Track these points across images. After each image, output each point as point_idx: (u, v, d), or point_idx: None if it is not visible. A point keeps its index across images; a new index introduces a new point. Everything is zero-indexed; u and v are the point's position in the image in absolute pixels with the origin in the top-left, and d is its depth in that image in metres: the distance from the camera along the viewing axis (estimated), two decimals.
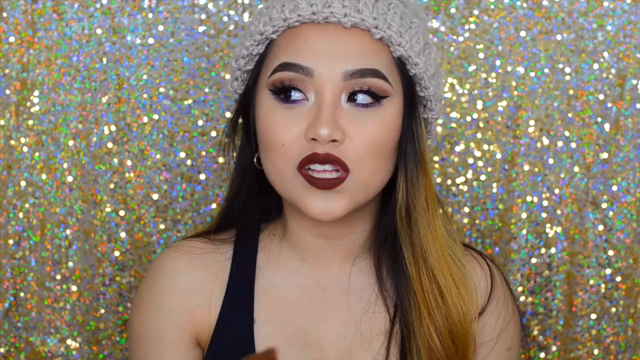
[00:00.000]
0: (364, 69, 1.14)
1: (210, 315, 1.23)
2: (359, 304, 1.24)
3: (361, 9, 1.15)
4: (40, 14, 1.67)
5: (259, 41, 1.19)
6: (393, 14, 1.17)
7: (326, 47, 1.14)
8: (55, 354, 1.71)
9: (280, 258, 1.26)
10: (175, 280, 1.24)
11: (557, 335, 1.72)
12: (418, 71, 1.19)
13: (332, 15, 1.15)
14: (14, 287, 1.71)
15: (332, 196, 1.15)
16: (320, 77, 1.14)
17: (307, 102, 1.15)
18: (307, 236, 1.24)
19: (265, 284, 1.25)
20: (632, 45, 1.69)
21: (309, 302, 1.24)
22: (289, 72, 1.14)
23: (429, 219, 1.21)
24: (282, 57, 1.16)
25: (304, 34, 1.16)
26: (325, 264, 1.25)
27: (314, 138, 1.13)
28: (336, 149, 1.13)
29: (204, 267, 1.25)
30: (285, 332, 1.22)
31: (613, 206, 1.71)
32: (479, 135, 1.70)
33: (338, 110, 1.14)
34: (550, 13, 1.69)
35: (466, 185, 1.71)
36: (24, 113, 1.69)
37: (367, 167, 1.15)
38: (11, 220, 1.70)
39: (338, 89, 1.14)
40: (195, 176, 1.70)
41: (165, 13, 1.68)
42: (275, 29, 1.18)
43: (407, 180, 1.20)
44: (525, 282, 1.71)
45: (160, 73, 1.69)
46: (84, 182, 1.69)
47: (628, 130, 1.70)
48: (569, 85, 1.70)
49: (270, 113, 1.16)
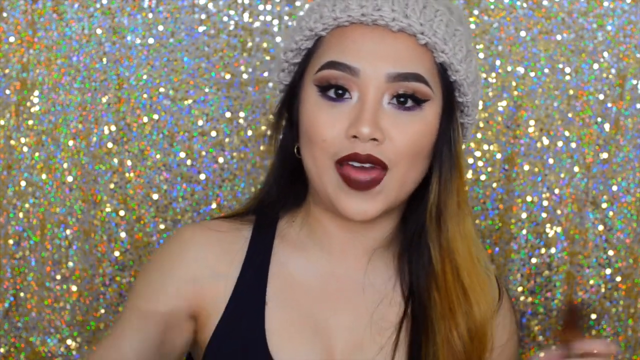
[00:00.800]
0: (407, 72, 1.18)
1: (221, 293, 1.25)
2: (374, 297, 1.26)
3: (409, 14, 1.18)
4: (40, 14, 1.68)
5: (308, 37, 1.23)
6: (439, 21, 1.20)
7: (373, 48, 1.18)
8: (55, 354, 1.71)
9: (297, 245, 1.28)
10: (186, 250, 1.26)
11: (557, 335, 1.72)
12: (458, 78, 1.22)
13: (381, 19, 1.18)
14: (14, 287, 1.71)
15: (368, 197, 1.18)
16: (365, 77, 1.17)
17: (350, 101, 1.18)
18: (330, 227, 1.26)
19: (280, 268, 1.27)
20: (632, 45, 1.69)
21: (322, 291, 1.26)
22: (335, 70, 1.18)
23: (459, 220, 1.24)
24: (330, 55, 1.19)
25: (352, 34, 1.19)
26: (342, 256, 1.27)
27: (355, 135, 1.16)
28: (376, 148, 1.16)
29: (220, 246, 1.27)
30: (295, 316, 1.24)
31: (613, 206, 1.71)
32: (479, 135, 1.70)
33: (380, 111, 1.17)
34: (550, 13, 1.69)
35: (466, 185, 1.71)
36: (24, 113, 1.69)
37: (404, 168, 1.19)
38: (11, 220, 1.70)
39: (381, 90, 1.17)
40: (195, 176, 1.70)
41: (165, 13, 1.68)
42: (325, 26, 1.21)
43: (440, 181, 1.23)
44: (525, 282, 1.71)
45: (160, 73, 1.69)
46: (84, 182, 1.69)
47: (628, 130, 1.70)
48: (569, 85, 1.70)
49: (315, 108, 1.19)
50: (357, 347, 1.23)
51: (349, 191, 1.18)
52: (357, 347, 1.23)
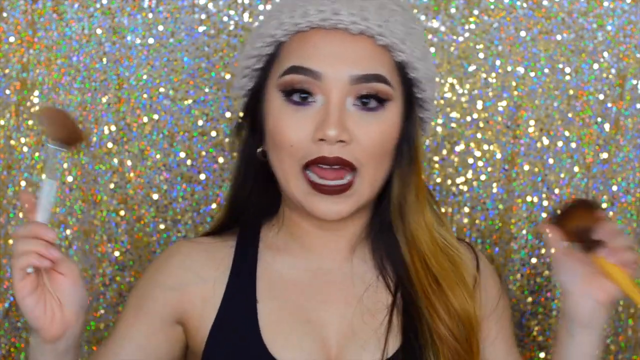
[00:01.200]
0: (369, 74, 1.20)
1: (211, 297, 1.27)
2: (361, 286, 1.28)
3: (367, 16, 1.20)
4: (40, 14, 1.67)
5: (269, 43, 1.24)
6: (395, 21, 1.22)
7: (334, 52, 1.20)
8: None
9: (280, 247, 1.30)
10: (171, 258, 1.29)
11: (557, 335, 1.72)
12: (418, 75, 1.24)
13: (340, 22, 1.20)
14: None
15: (339, 200, 1.21)
16: (328, 80, 1.19)
17: (315, 104, 1.20)
18: (307, 227, 1.28)
19: (267, 267, 1.29)
20: (632, 45, 1.69)
21: (311, 285, 1.28)
22: (298, 75, 1.20)
23: (419, 211, 1.27)
24: (292, 60, 1.21)
25: (313, 39, 1.21)
26: (325, 251, 1.29)
27: (322, 139, 1.18)
28: (343, 149, 1.18)
29: (205, 255, 1.29)
30: (287, 309, 1.26)
31: (613, 206, 1.71)
32: (479, 135, 1.70)
33: (344, 113, 1.19)
34: (550, 13, 1.69)
35: (466, 185, 1.71)
36: (24, 113, 1.69)
37: (372, 168, 1.21)
38: (11, 220, 1.70)
39: (344, 93, 1.19)
40: (195, 176, 1.70)
41: (165, 13, 1.68)
42: (286, 32, 1.22)
43: (401, 177, 1.26)
44: (525, 282, 1.71)
45: (160, 73, 1.69)
46: (84, 182, 1.69)
47: (628, 130, 1.70)
48: (569, 85, 1.70)
49: (280, 113, 1.21)
50: (351, 334, 1.25)
51: (319, 195, 1.20)
52: (350, 334, 1.25)
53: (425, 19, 1.68)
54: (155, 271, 1.30)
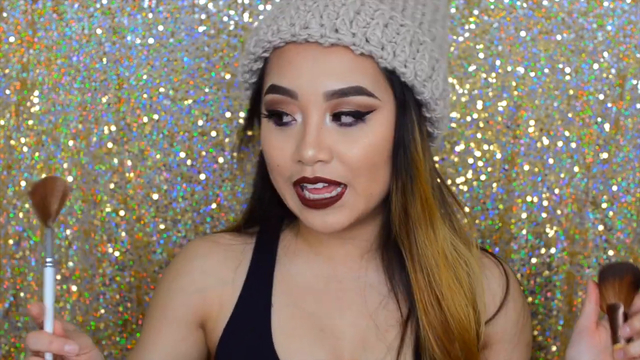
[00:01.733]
0: (346, 87, 1.15)
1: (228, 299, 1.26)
2: (375, 297, 1.26)
3: (338, 26, 1.15)
4: (40, 14, 1.67)
5: (255, 59, 1.22)
6: (375, 25, 1.16)
7: (308, 67, 1.16)
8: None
9: (297, 252, 1.29)
10: (192, 262, 1.28)
11: (557, 335, 1.72)
12: (407, 79, 1.18)
13: (310, 37, 1.15)
14: (14, 287, 1.71)
15: (330, 212, 1.18)
16: (303, 98, 1.15)
17: (295, 124, 1.17)
18: (318, 234, 1.26)
19: (284, 272, 1.28)
20: (632, 45, 1.69)
21: (325, 292, 1.27)
22: (276, 94, 1.17)
23: (427, 226, 1.21)
24: (272, 79, 1.19)
25: (288, 55, 1.18)
26: (340, 259, 1.28)
27: (300, 160, 1.15)
28: (325, 169, 1.15)
29: (224, 255, 1.29)
30: (301, 317, 1.25)
31: (613, 206, 1.71)
32: (479, 135, 1.70)
33: (323, 131, 1.15)
34: (550, 13, 1.69)
35: (466, 185, 1.71)
36: (24, 113, 1.69)
37: (364, 182, 1.17)
38: (11, 220, 1.70)
39: (321, 109, 1.15)
40: (195, 176, 1.70)
41: (165, 13, 1.68)
42: (264, 49, 1.20)
43: (398, 188, 1.20)
44: (525, 282, 1.71)
45: (160, 73, 1.69)
46: (84, 182, 1.69)
47: (628, 130, 1.70)
48: (569, 85, 1.70)
49: (267, 133, 1.20)
50: (363, 347, 1.24)
51: (310, 209, 1.18)
52: (363, 347, 1.24)
53: None
54: (176, 276, 1.28)
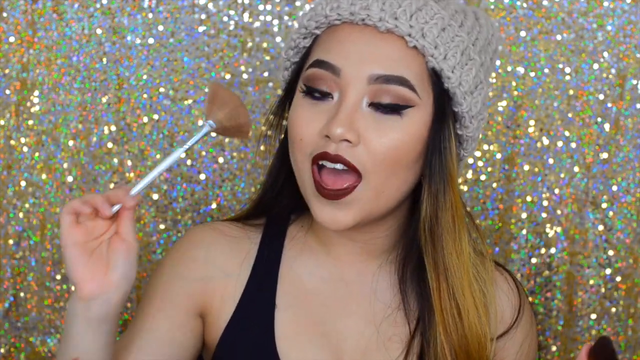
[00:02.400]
0: (391, 75, 1.14)
1: (231, 293, 1.24)
2: (382, 306, 1.24)
3: (399, 15, 1.15)
4: (40, 14, 1.68)
5: (304, 34, 1.22)
6: (433, 24, 1.16)
7: (358, 48, 1.15)
8: (55, 354, 1.71)
9: (305, 249, 1.27)
10: (196, 249, 1.26)
11: (557, 335, 1.72)
12: (450, 85, 1.17)
13: (369, 18, 1.15)
14: (14, 287, 1.71)
15: (341, 207, 1.15)
16: (346, 76, 1.14)
17: (331, 100, 1.16)
18: (330, 233, 1.24)
19: (289, 271, 1.26)
20: (632, 45, 1.69)
21: (331, 295, 1.25)
22: (319, 69, 1.16)
23: (455, 237, 1.20)
24: (318, 53, 1.18)
25: (340, 34, 1.17)
26: (349, 261, 1.25)
27: (327, 135, 1.13)
28: (348, 150, 1.13)
29: (229, 247, 1.27)
30: (304, 319, 1.23)
31: (613, 206, 1.71)
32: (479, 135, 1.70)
33: (357, 113, 1.14)
34: (550, 13, 1.69)
35: (466, 185, 1.71)
36: (24, 113, 1.69)
37: (380, 176, 1.15)
38: (11, 220, 1.70)
39: (361, 92, 1.14)
40: (195, 176, 1.70)
41: (165, 13, 1.68)
42: (318, 24, 1.20)
43: (431, 193, 1.18)
44: (525, 282, 1.71)
45: (160, 73, 1.69)
46: (84, 182, 1.69)
47: (628, 130, 1.70)
48: (569, 85, 1.70)
49: (297, 107, 1.18)
50: (365, 354, 1.22)
51: (320, 198, 1.16)
52: (364, 354, 1.22)
53: None
54: (179, 261, 1.26)
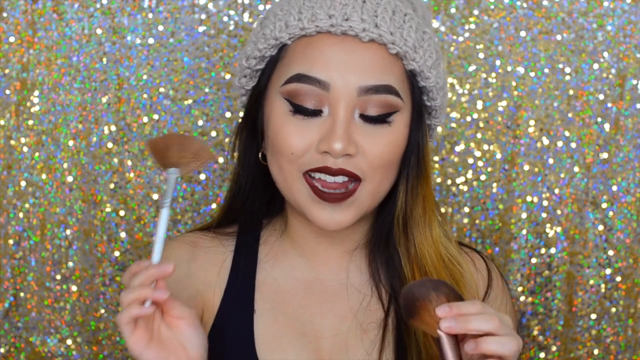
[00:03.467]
0: (378, 85, 1.15)
1: (211, 303, 1.24)
2: (357, 298, 1.25)
3: (379, 23, 1.15)
4: (40, 14, 1.68)
5: (273, 45, 1.19)
6: (409, 28, 1.17)
7: (343, 60, 1.15)
8: (55, 354, 1.71)
9: (279, 252, 1.28)
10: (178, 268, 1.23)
11: (557, 335, 1.72)
12: (428, 84, 1.20)
13: (351, 29, 1.15)
14: (14, 287, 1.71)
15: (340, 208, 1.17)
16: (335, 91, 1.14)
17: (321, 115, 1.15)
18: (306, 234, 1.25)
19: (266, 276, 1.26)
20: (632, 45, 1.69)
21: (307, 295, 1.26)
22: (304, 84, 1.15)
23: (426, 225, 1.22)
24: (298, 67, 1.16)
25: (319, 45, 1.16)
26: (323, 259, 1.27)
27: (326, 151, 1.14)
28: (348, 162, 1.14)
29: (206, 258, 1.27)
30: (283, 322, 1.24)
31: (613, 206, 1.71)
32: (479, 135, 1.70)
33: (351, 125, 1.15)
34: (550, 13, 1.69)
35: (466, 185, 1.71)
36: (24, 113, 1.69)
37: (377, 179, 1.17)
38: (11, 220, 1.70)
39: (352, 104, 1.14)
40: (195, 176, 1.70)
41: (165, 13, 1.68)
42: (291, 36, 1.17)
43: (407, 188, 1.21)
44: (525, 282, 1.71)
45: (160, 73, 1.69)
46: (84, 182, 1.69)
47: (628, 130, 1.70)
48: (569, 85, 1.70)
49: (283, 120, 1.17)
50: (344, 349, 1.23)
51: (321, 203, 1.16)
52: (343, 349, 1.23)
53: None
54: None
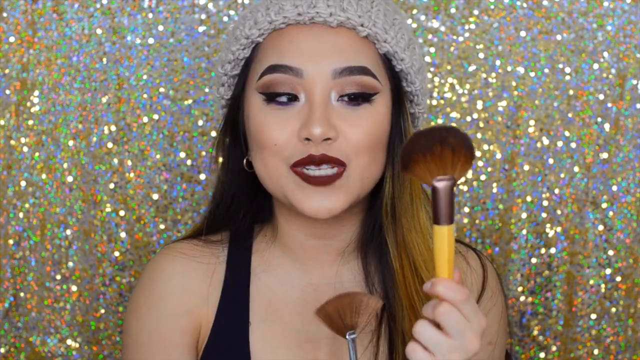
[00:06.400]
0: (352, 66, 1.15)
1: (207, 316, 1.23)
2: None
3: (346, 7, 1.16)
4: (40, 14, 1.68)
5: (245, 45, 1.20)
6: (377, 11, 1.18)
7: (313, 46, 1.16)
8: (55, 354, 1.71)
9: (272, 260, 1.26)
10: (172, 281, 1.23)
11: (557, 335, 1.72)
12: (404, 67, 1.20)
13: (318, 15, 1.16)
14: (14, 287, 1.71)
15: (329, 193, 1.15)
16: (309, 76, 1.14)
17: (298, 103, 1.16)
18: (298, 237, 1.24)
19: (260, 286, 1.25)
20: (632, 45, 1.69)
21: (301, 302, 1.24)
22: (278, 73, 1.15)
23: (413, 214, 1.21)
24: (270, 60, 1.17)
25: (289, 35, 1.17)
26: (316, 264, 1.25)
27: (307, 138, 1.13)
28: (330, 147, 1.14)
29: (200, 269, 1.25)
30: (278, 332, 1.23)
31: (613, 206, 1.71)
32: (479, 135, 1.70)
33: (329, 109, 1.15)
34: (550, 13, 1.69)
35: (466, 185, 1.71)
36: (24, 113, 1.69)
37: (363, 162, 1.16)
38: (11, 220, 1.70)
39: (328, 88, 1.15)
40: (195, 176, 1.70)
41: (165, 13, 1.68)
42: (262, 32, 1.18)
43: (393, 175, 1.20)
44: (525, 282, 1.71)
45: (160, 73, 1.69)
46: (84, 182, 1.69)
47: (628, 130, 1.70)
48: (569, 85, 1.70)
49: (261, 114, 1.17)
50: (339, 356, 1.22)
51: (308, 189, 1.15)
52: (339, 356, 1.22)
53: (425, 19, 1.68)
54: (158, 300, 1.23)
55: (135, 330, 1.24)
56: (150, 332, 1.22)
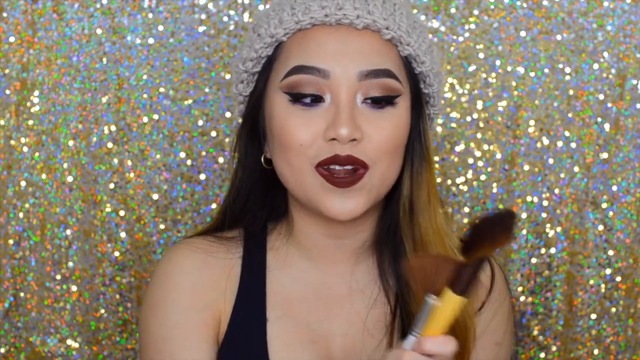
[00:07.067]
0: (377, 69, 1.17)
1: (224, 311, 1.24)
2: (363, 300, 1.25)
3: (372, 10, 1.18)
4: (40, 14, 1.68)
5: (269, 44, 1.21)
6: (400, 14, 1.20)
7: (339, 48, 1.17)
8: (55, 354, 1.71)
9: (287, 258, 1.27)
10: (191, 275, 1.24)
11: (557, 335, 1.72)
12: (424, 69, 1.22)
13: (345, 17, 1.17)
14: (14, 287, 1.71)
15: (350, 194, 1.16)
16: (336, 78, 1.16)
17: (323, 104, 1.17)
18: (314, 235, 1.25)
19: (275, 283, 1.26)
20: (632, 45, 1.69)
21: (316, 300, 1.25)
22: (304, 74, 1.16)
23: (430, 213, 1.23)
24: (296, 60, 1.17)
25: (315, 36, 1.18)
26: (331, 263, 1.26)
27: (333, 138, 1.14)
28: (355, 148, 1.15)
29: (217, 265, 1.25)
30: (293, 330, 1.23)
31: (613, 206, 1.71)
32: (479, 135, 1.70)
33: (355, 111, 1.16)
34: (550, 13, 1.69)
35: (466, 185, 1.71)
36: (24, 113, 1.69)
37: (384, 164, 1.18)
38: (11, 220, 1.70)
39: (353, 90, 1.16)
40: (195, 176, 1.70)
41: (165, 13, 1.68)
42: (287, 31, 1.19)
43: (412, 174, 1.22)
44: (525, 282, 1.71)
45: (160, 73, 1.69)
46: (84, 182, 1.69)
47: (628, 130, 1.70)
48: (569, 85, 1.70)
49: (286, 114, 1.17)
50: (353, 353, 1.23)
51: (332, 189, 1.16)
52: (352, 353, 1.23)
53: (425, 19, 1.68)
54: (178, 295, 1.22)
55: (155, 325, 1.22)
56: (172, 326, 1.21)
